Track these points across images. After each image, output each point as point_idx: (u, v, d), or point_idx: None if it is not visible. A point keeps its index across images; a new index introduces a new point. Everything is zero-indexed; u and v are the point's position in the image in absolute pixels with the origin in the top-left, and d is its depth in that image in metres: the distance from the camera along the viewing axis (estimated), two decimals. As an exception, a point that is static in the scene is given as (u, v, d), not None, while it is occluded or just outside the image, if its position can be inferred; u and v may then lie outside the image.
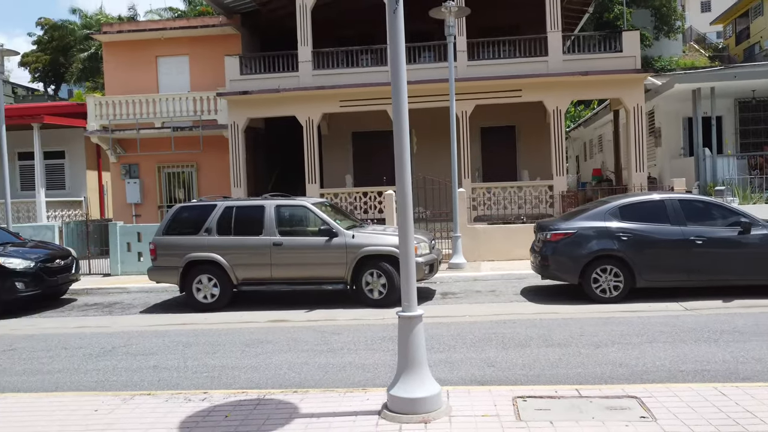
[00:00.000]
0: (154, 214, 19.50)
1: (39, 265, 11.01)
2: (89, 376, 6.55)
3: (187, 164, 19.68)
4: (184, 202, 15.37)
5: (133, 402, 5.26)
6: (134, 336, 8.51)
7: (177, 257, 10.32)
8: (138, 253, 14.70)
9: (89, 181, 21.17)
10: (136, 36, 19.67)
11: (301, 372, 6.37)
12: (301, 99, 16.81)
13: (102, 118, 19.09)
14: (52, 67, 52.41)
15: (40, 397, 5.60)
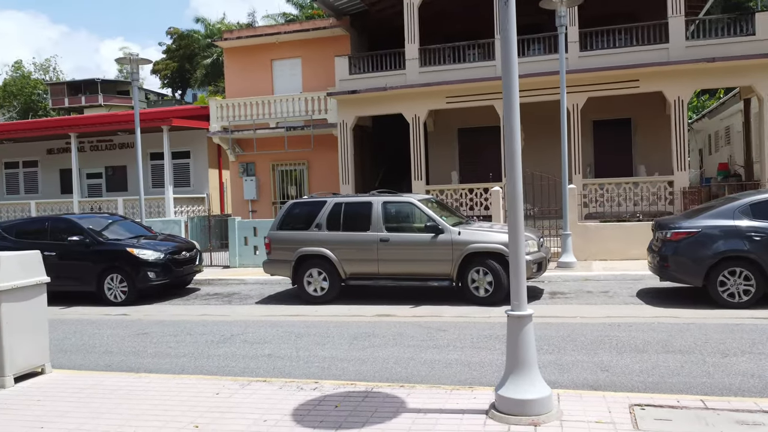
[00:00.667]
0: (269, 209, 20.50)
1: (167, 256, 11.94)
2: (211, 361, 7.03)
3: (298, 162, 20.50)
4: (296, 198, 16.06)
5: (250, 387, 5.58)
6: (251, 325, 9.01)
7: (289, 251, 10.80)
8: (254, 247, 15.54)
9: (211, 178, 22.67)
10: (253, 41, 20.74)
11: (408, 367, 6.44)
12: (408, 96, 16.95)
13: (222, 119, 20.34)
14: (179, 73, 56.70)
15: (169, 379, 6.08)
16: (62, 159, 23.69)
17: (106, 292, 11.60)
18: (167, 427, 4.66)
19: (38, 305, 6.29)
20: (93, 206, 20.86)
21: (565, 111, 13.25)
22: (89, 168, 23.87)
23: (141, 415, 4.93)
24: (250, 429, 4.54)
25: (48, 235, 12.30)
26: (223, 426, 4.63)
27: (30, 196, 23.96)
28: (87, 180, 24.00)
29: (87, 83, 57.94)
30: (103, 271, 11.64)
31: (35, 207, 21.39)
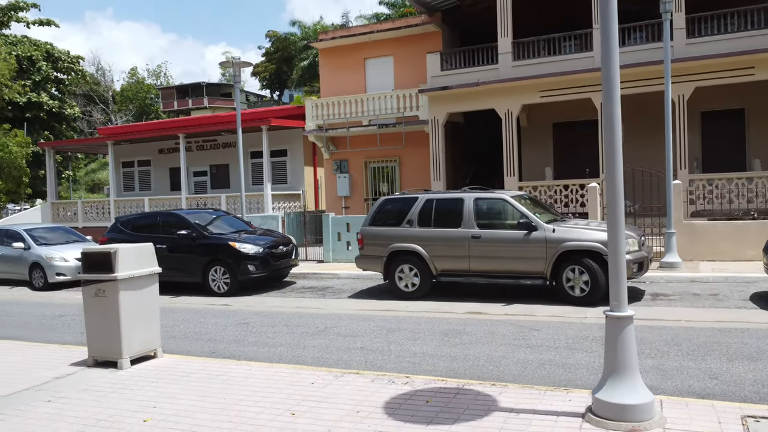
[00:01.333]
0: (361, 206, 20.87)
1: (266, 250, 12.47)
2: (306, 352, 7.28)
3: (390, 159, 20.71)
4: (388, 195, 16.24)
5: (343, 379, 5.73)
6: (344, 318, 9.24)
7: (381, 247, 10.96)
8: (347, 242, 15.89)
9: (306, 176, 23.41)
10: (347, 41, 21.16)
11: (499, 365, 6.36)
12: (500, 91, 16.65)
13: (317, 118, 20.93)
14: (277, 75, 58.96)
15: (268, 367, 6.37)
16: (172, 158, 25.35)
17: (210, 283, 12.30)
18: (266, 412, 4.89)
19: (151, 294, 6.79)
20: (199, 202, 22.15)
21: (670, 102, 12.50)
22: (195, 166, 25.39)
23: (242, 400, 5.21)
24: (343, 419, 4.67)
25: (159, 229, 13.22)
26: (318, 415, 4.80)
27: (144, 193, 25.85)
28: (193, 178, 25.53)
29: (193, 87, 61.53)
30: (208, 263, 12.35)
31: (148, 203, 23.02)
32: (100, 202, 25.67)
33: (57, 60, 37.36)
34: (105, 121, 51.80)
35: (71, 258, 14.37)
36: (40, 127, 35.47)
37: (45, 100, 35.32)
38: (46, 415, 5.03)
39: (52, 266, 14.49)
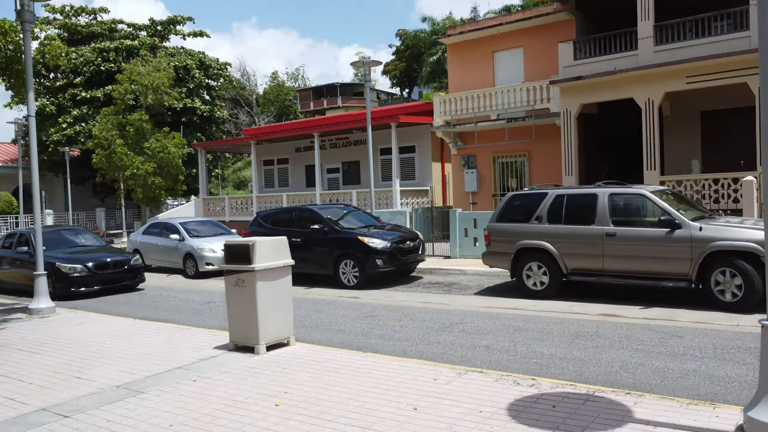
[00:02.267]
0: (489, 202, 20.55)
1: (393, 245, 12.69)
2: (431, 347, 7.31)
3: (519, 154, 20.16)
4: (516, 190, 15.77)
5: (466, 377, 5.68)
6: (469, 315, 9.15)
7: (509, 243, 10.71)
8: (474, 238, 15.72)
9: (434, 171, 23.50)
10: (475, 35, 20.90)
11: (635, 373, 5.95)
12: (640, 79, 15.53)
13: (445, 114, 20.91)
14: (407, 72, 59.75)
15: (392, 360, 6.47)
16: (307, 156, 26.65)
17: (341, 276, 12.77)
18: (389, 405, 4.97)
19: (285, 285, 7.18)
20: (331, 198, 23.09)
21: None
22: (329, 164, 26.49)
23: (366, 392, 5.34)
24: (465, 418, 4.63)
25: (294, 224, 13.96)
26: (440, 411, 4.79)
27: (282, 189, 27.47)
28: (327, 174, 26.66)
29: (328, 87, 64.17)
30: (339, 256, 12.83)
31: (286, 198, 24.40)
32: (244, 198, 27.67)
33: (208, 68, 40.70)
34: (249, 123, 55.67)
35: (218, 249, 15.61)
36: (193, 130, 38.90)
37: (198, 105, 38.66)
38: (192, 393, 5.51)
39: (203, 256, 15.84)
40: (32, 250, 13.32)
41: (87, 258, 13.43)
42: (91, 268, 13.15)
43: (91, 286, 13.09)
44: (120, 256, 14.10)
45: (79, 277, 12.93)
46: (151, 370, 6.35)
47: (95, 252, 14.27)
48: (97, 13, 40.39)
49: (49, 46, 13.26)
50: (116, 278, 13.50)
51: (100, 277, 13.25)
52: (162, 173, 31.23)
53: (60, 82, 37.27)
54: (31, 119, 10.80)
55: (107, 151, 30.33)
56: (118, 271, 13.53)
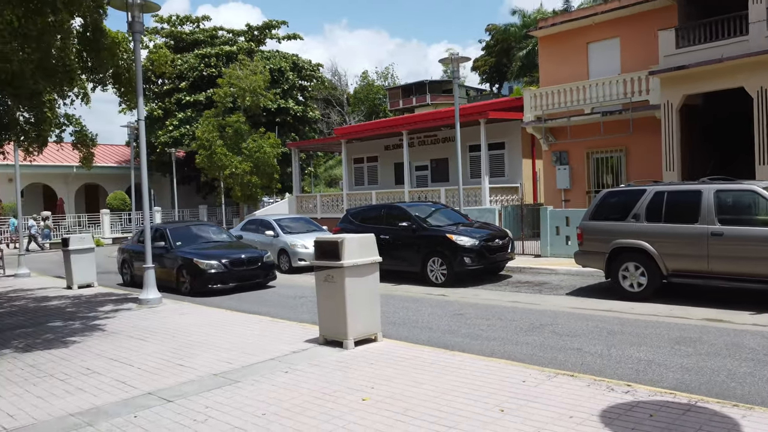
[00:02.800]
0: (582, 199, 19.79)
1: (482, 243, 12.53)
2: (519, 348, 7.16)
3: (615, 149, 19.26)
4: (612, 187, 15.06)
5: (556, 380, 5.51)
6: (560, 316, 8.88)
7: (603, 243, 10.28)
8: (566, 237, 15.22)
9: (524, 168, 22.97)
10: (568, 26, 20.17)
11: (744, 383, 5.53)
12: (752, 66, 14.35)
13: (536, 109, 20.36)
14: (497, 68, 58.73)
15: (479, 360, 6.40)
16: (396, 154, 26.86)
17: (428, 274, 12.78)
18: (475, 405, 4.93)
19: (372, 281, 7.28)
20: (419, 195, 23.13)
21: None
22: (417, 161, 26.56)
23: (452, 391, 5.32)
24: (554, 422, 4.50)
25: (383, 221, 14.12)
26: (528, 414, 4.69)
27: (371, 187, 27.85)
28: (415, 172, 26.75)
29: (417, 85, 64.26)
30: (426, 254, 12.84)
31: (375, 196, 24.73)
32: (335, 196, 28.32)
33: (301, 69, 42.02)
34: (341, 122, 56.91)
35: (310, 245, 16.06)
36: (287, 130, 40.31)
37: (291, 106, 40.02)
38: (284, 384, 5.73)
39: (296, 252, 16.39)
40: (169, 245, 13.59)
41: (222, 254, 13.16)
42: (226, 264, 12.82)
43: (227, 283, 12.78)
44: (253, 252, 13.65)
45: (215, 274, 12.66)
46: (247, 361, 6.66)
47: (228, 248, 13.96)
48: (200, 21, 42.78)
49: (157, 54, 14.23)
50: (250, 275, 13.13)
51: (236, 274, 12.92)
52: (258, 172, 32.63)
53: (167, 87, 39.83)
54: (141, 123, 11.61)
55: (208, 151, 32.08)
56: (252, 268, 13.14)
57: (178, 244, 13.72)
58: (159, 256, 13.41)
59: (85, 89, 12.23)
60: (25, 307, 11.57)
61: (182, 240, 13.91)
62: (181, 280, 13.02)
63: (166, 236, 13.90)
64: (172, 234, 13.99)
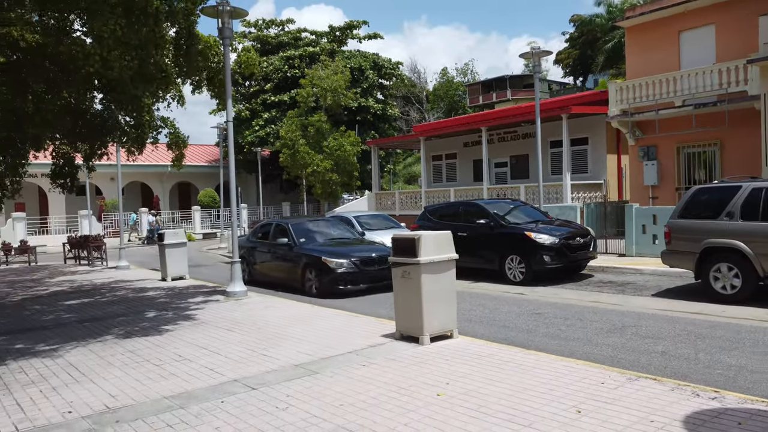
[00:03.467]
0: (671, 196, 18.86)
1: (562, 241, 12.25)
2: (599, 349, 6.98)
3: (708, 143, 18.20)
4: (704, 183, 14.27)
5: (637, 383, 5.35)
6: (644, 318, 8.56)
7: (693, 242, 9.81)
8: (653, 236, 14.59)
9: (609, 164, 22.15)
10: (658, 15, 19.23)
11: None
12: None
13: (622, 102, 19.58)
14: (581, 60, 56.75)
15: (556, 360, 6.31)
16: (475, 151, 26.64)
17: (506, 272, 12.63)
18: (551, 405, 4.88)
19: (448, 278, 7.33)
20: (498, 192, 22.85)
21: None
22: (496, 158, 26.23)
23: (528, 389, 5.29)
24: (633, 426, 4.39)
25: (461, 218, 14.08)
26: (606, 416, 4.60)
27: (450, 184, 27.79)
28: (494, 169, 26.43)
29: (497, 81, 63.24)
30: (504, 252, 12.71)
31: (453, 193, 24.65)
32: (413, 193, 28.47)
33: (381, 68, 42.47)
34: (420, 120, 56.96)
35: (388, 242, 16.26)
36: (367, 128, 40.90)
37: (371, 104, 40.57)
38: (361, 377, 5.90)
39: (373, 249, 16.63)
40: (293, 242, 12.89)
41: (351, 252, 12.14)
42: (357, 263, 11.76)
43: (358, 283, 11.71)
44: (384, 250, 12.07)
45: (345, 274, 11.63)
46: (326, 353, 6.89)
47: (355, 245, 13.08)
48: (284, 24, 44.20)
49: (245, 56, 14.87)
50: (382, 275, 11.60)
51: (367, 275, 11.80)
52: (338, 170, 33.35)
53: (253, 88, 41.45)
54: (229, 124, 12.20)
55: (292, 150, 33.12)
56: (384, 267, 11.37)
57: (302, 240, 12.95)
58: (280, 253, 13.10)
59: (180, 92, 13.01)
60: (125, 297, 12.48)
61: (305, 236, 13.18)
62: (308, 279, 12.18)
63: (288, 232, 13.18)
64: (294, 230, 13.24)
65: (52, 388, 5.99)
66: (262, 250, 13.97)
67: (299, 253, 12.59)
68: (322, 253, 12.08)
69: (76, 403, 5.48)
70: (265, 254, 13.85)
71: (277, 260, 13.40)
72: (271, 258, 13.59)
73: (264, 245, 13.95)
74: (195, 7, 10.36)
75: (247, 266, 14.03)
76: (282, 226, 13.66)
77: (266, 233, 14.17)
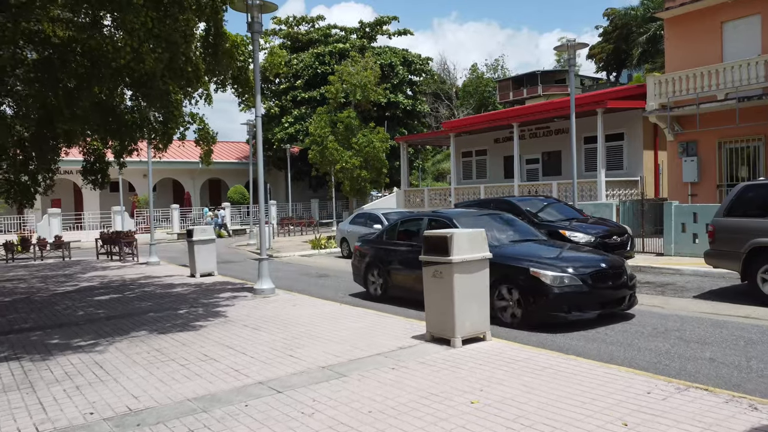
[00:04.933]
0: (712, 193, 18.17)
1: (598, 239, 11.83)
2: (642, 355, 6.59)
3: (753, 138, 17.45)
4: (748, 180, 13.67)
5: (687, 394, 4.98)
6: (687, 321, 8.12)
7: (739, 242, 9.34)
8: (693, 234, 14.03)
9: (645, 160, 21.46)
10: (700, 5, 18.51)
11: None
12: None
13: (661, 96, 18.92)
14: (615, 55, 55.48)
15: (597, 366, 5.95)
16: (506, 147, 26.15)
17: (540, 272, 12.11)
18: (594, 417, 4.55)
19: (482, 278, 7.02)
20: (530, 189, 22.35)
21: None
22: (528, 154, 25.69)
23: (567, 399, 4.97)
24: (685, 441, 4.05)
25: (492, 216, 13.62)
26: (656, 430, 4.26)
27: (480, 181, 27.34)
28: (526, 165, 25.89)
29: (528, 77, 62.29)
30: (537, 251, 12.20)
31: (483, 190, 24.22)
32: (443, 190, 28.12)
33: (410, 63, 42.08)
34: (449, 116, 56.46)
35: (417, 240, 15.98)
36: (396, 124, 40.59)
37: (401, 100, 40.24)
38: (390, 381, 5.65)
39: (402, 247, 16.32)
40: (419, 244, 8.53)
41: (568, 260, 8.40)
42: (585, 278, 7.93)
43: (586, 309, 7.92)
44: (615, 260, 8.63)
45: (569, 294, 7.80)
46: (354, 354, 6.66)
47: (564, 250, 9.17)
48: (314, 21, 44.14)
49: (272, 57, 14.77)
50: (615, 297, 8.19)
51: (599, 296, 8.01)
52: (367, 166, 33.13)
53: (283, 86, 41.50)
54: (258, 120, 12.05)
55: (321, 146, 33.03)
56: (618, 285, 8.18)
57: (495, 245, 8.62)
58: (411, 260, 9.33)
59: (208, 90, 12.95)
60: (153, 293, 12.47)
61: None
62: (501, 301, 8.26)
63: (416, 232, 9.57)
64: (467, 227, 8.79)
65: (76, 387, 5.88)
66: (406, 256, 9.99)
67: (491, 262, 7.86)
68: (528, 261, 8.23)
69: (99, 404, 5.36)
70: (411, 261, 9.51)
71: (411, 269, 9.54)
72: (408, 266, 9.81)
73: (408, 249, 10.09)
74: (223, 3, 10.26)
75: (377, 276, 10.76)
76: (442, 220, 9.70)
77: (409, 232, 10.54)
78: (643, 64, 47.18)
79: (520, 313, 8.10)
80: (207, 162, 14.52)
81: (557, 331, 7.80)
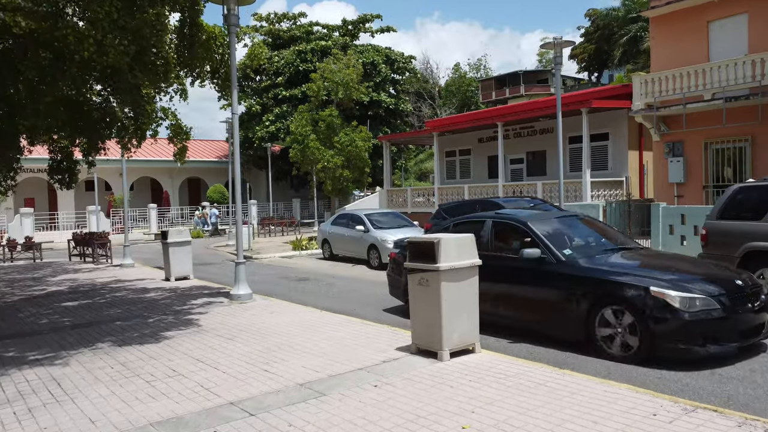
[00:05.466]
0: (698, 194, 17.98)
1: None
2: (640, 371, 6.21)
3: (739, 138, 17.27)
4: (735, 181, 13.46)
5: (696, 416, 4.60)
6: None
7: (733, 246, 9.04)
8: (681, 236, 13.76)
9: (630, 161, 21.26)
10: (686, 4, 18.27)
11: None
12: None
13: (647, 96, 18.69)
14: (596, 55, 55.69)
15: (596, 383, 5.57)
16: (490, 147, 25.81)
17: (528, 275, 11.72)
18: (597, 442, 4.15)
19: (471, 286, 6.60)
20: (515, 190, 22.02)
21: None
22: (512, 154, 25.39)
23: (568, 422, 4.55)
24: (700, 473, 3.66)
25: (477, 218, 13.24)
26: (665, 459, 3.87)
27: (464, 181, 26.98)
28: (510, 165, 25.59)
29: (511, 76, 62.19)
30: (525, 254, 11.86)
31: (467, 190, 23.85)
32: (426, 190, 27.72)
33: (393, 62, 41.61)
34: (432, 116, 56.09)
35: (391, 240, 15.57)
36: (379, 123, 40.07)
37: (384, 99, 39.75)
38: (373, 401, 5.19)
39: (386, 248, 15.91)
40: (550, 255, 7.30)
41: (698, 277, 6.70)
42: (723, 300, 6.28)
43: (726, 341, 6.27)
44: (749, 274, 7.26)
45: (704, 321, 6.15)
46: (334, 369, 6.20)
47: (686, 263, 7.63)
48: (296, 18, 43.43)
49: (252, 46, 14.19)
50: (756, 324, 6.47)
51: (740, 323, 6.35)
52: (350, 166, 32.60)
53: (264, 83, 40.77)
54: (234, 117, 11.52)
55: (302, 145, 32.43)
56: (757, 307, 6.47)
57: (569, 253, 7.35)
58: (521, 276, 7.58)
59: (183, 85, 12.36)
60: (124, 299, 11.87)
61: (566, 244, 7.62)
62: (605, 327, 6.61)
63: (536, 238, 7.53)
64: (547, 233, 7.65)
65: (28, 410, 5.35)
66: None
67: (579, 276, 6.93)
68: (643, 276, 6.57)
69: (51, 431, 4.83)
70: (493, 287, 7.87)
71: (509, 286, 7.80)
72: (495, 281, 7.72)
73: None
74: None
75: None
76: (513, 224, 8.13)
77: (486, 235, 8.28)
78: (625, 65, 47.33)
79: (636, 343, 6.33)
80: (181, 160, 13.92)
81: (547, 344, 7.35)
